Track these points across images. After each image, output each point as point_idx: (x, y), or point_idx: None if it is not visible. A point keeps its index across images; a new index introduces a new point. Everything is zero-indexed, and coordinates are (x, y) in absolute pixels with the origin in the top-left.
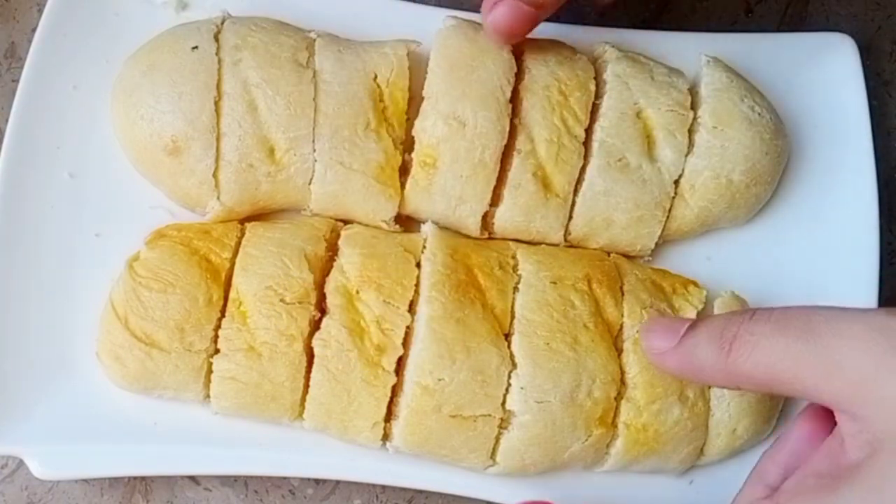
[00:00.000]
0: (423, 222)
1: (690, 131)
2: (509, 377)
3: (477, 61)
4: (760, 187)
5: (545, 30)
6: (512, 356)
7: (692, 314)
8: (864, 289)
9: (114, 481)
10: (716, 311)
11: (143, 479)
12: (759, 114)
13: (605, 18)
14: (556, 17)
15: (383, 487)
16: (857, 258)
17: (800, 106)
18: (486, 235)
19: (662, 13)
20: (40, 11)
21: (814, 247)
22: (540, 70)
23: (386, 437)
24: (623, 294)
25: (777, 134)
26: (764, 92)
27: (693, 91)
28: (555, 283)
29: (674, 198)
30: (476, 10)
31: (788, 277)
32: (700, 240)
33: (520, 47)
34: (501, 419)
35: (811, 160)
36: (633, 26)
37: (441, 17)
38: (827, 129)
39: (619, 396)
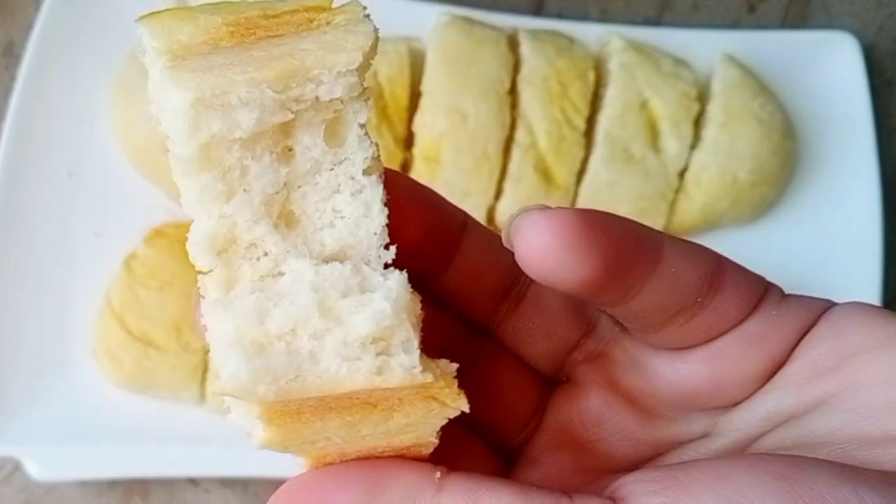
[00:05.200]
0: None
1: (699, 126)
2: None
3: (475, 55)
4: (766, 187)
5: (546, 24)
6: None
7: None
8: (867, 288)
9: (112, 483)
10: None
11: (141, 480)
12: (770, 114)
13: (607, 16)
14: (558, 14)
15: None
16: (859, 257)
17: (801, 104)
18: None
19: (664, 11)
20: (38, 8)
21: (816, 246)
22: (538, 61)
23: None
24: None
25: (786, 135)
26: None
27: (703, 85)
28: None
29: (678, 191)
30: (473, 5)
31: (791, 277)
32: (703, 238)
33: (516, 38)
34: None
35: (813, 159)
36: (636, 24)
37: (438, 13)
38: (829, 128)
39: None
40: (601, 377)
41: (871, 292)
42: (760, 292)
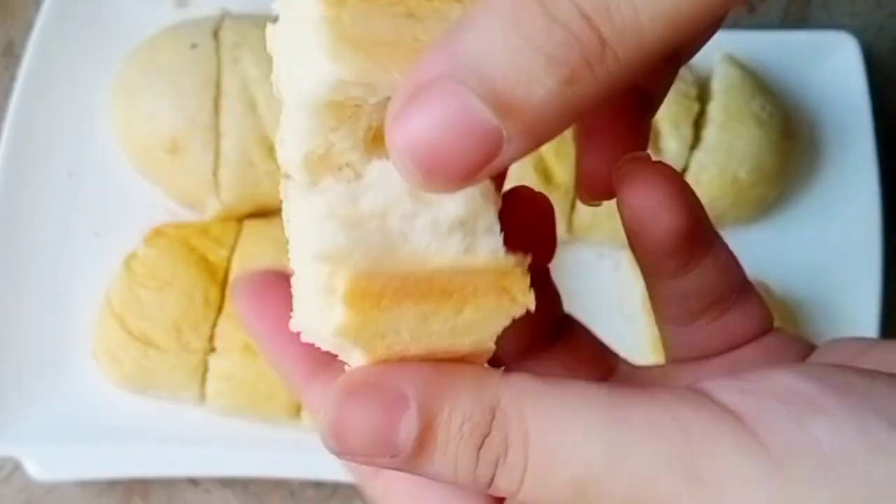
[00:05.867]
0: None
1: (699, 126)
2: None
3: None
4: (766, 187)
5: None
6: None
7: None
8: (866, 287)
9: (112, 483)
10: None
11: (141, 480)
12: (770, 113)
13: None
14: None
15: None
16: (859, 257)
17: (801, 104)
18: None
19: None
20: (38, 8)
21: (816, 246)
22: None
23: None
24: None
25: (786, 136)
26: None
27: (703, 85)
28: None
29: None
30: None
31: (790, 277)
32: None
33: None
34: None
35: (813, 159)
36: None
37: None
38: (829, 128)
39: None
40: None
41: (871, 292)
42: (772, 319)
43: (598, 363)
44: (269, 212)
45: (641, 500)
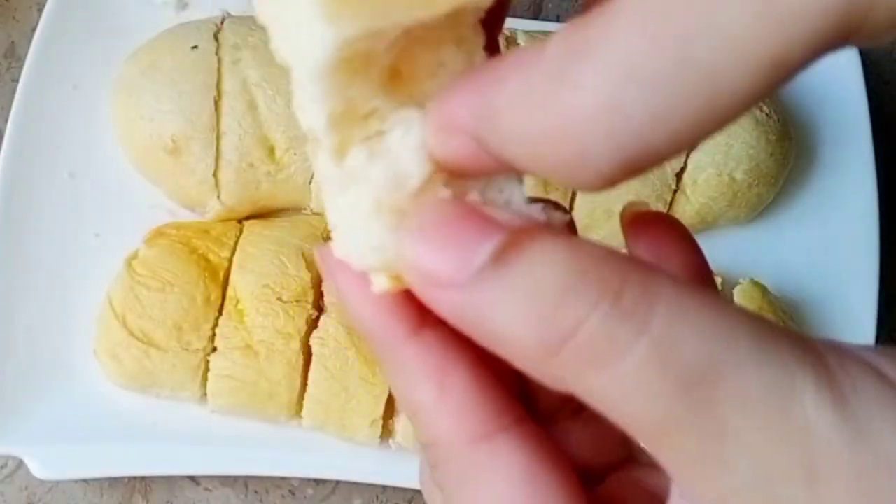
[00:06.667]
0: None
1: None
2: None
3: None
4: (763, 188)
5: (543, 26)
6: None
7: None
8: (864, 288)
9: (114, 481)
10: (735, 301)
11: (142, 478)
12: (767, 114)
13: None
14: (556, 16)
15: (383, 487)
16: (857, 258)
17: (799, 104)
18: None
19: None
20: (40, 11)
21: (813, 246)
22: None
23: (389, 434)
24: None
25: (783, 136)
26: None
27: None
28: None
29: (675, 191)
30: None
31: (788, 277)
32: (700, 238)
33: (514, 39)
34: None
35: (811, 160)
36: None
37: None
38: (827, 129)
39: None
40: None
41: (868, 292)
42: None
43: (625, 441)
44: (269, 212)
45: (777, 398)
